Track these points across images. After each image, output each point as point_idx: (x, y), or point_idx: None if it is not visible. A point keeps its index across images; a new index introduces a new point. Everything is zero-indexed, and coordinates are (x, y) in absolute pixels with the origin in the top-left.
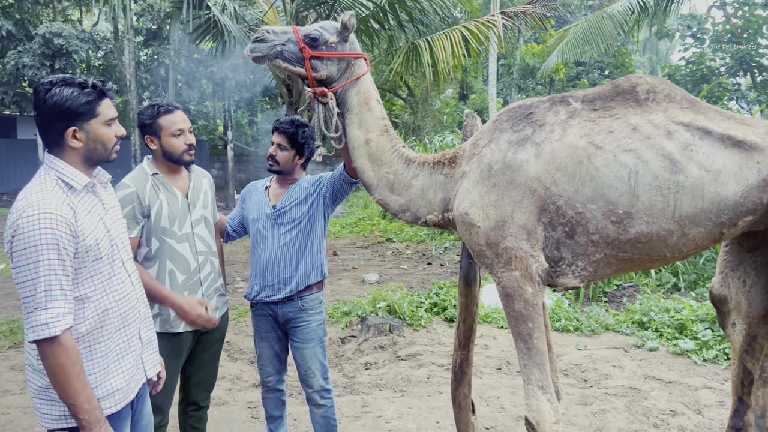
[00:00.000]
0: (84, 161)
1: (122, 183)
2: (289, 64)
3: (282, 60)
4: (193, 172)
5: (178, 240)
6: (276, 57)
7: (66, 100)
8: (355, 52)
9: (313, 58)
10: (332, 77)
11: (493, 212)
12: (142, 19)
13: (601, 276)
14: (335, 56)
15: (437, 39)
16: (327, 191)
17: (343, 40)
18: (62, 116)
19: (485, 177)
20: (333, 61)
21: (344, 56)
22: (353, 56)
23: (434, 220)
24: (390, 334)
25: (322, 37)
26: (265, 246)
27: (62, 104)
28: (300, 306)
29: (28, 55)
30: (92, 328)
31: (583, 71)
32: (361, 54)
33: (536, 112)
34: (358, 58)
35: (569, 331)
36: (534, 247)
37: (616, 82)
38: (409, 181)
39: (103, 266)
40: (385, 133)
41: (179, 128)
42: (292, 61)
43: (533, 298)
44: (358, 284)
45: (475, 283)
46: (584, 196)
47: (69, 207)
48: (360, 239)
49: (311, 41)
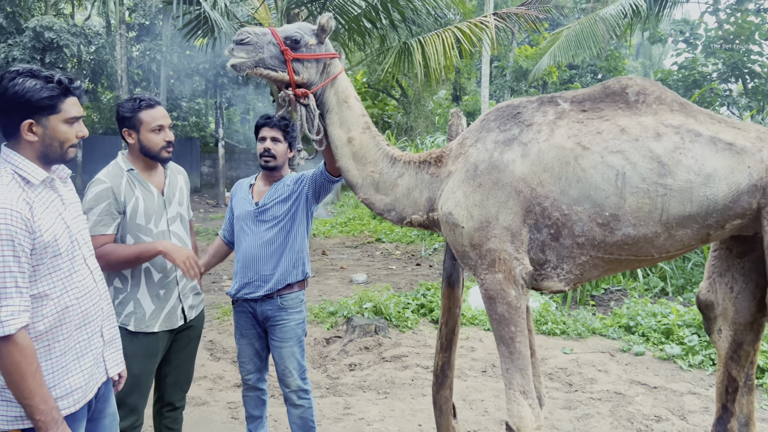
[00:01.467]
0: (39, 157)
1: (97, 179)
2: (270, 71)
3: (263, 68)
4: (168, 169)
5: (153, 237)
6: (257, 65)
7: (27, 92)
8: (330, 52)
9: (295, 60)
10: (311, 79)
11: (478, 213)
12: (134, 15)
13: (587, 279)
14: (314, 57)
15: (429, 39)
16: (309, 189)
17: (320, 42)
18: (21, 107)
19: (471, 177)
20: (312, 62)
21: (322, 57)
22: (329, 56)
23: (419, 220)
24: (375, 335)
25: (303, 39)
26: (246, 243)
27: (22, 95)
28: (279, 304)
29: (18, 49)
30: (51, 326)
31: (576, 74)
32: (335, 54)
33: (524, 112)
34: (333, 57)
35: (555, 335)
36: (518, 249)
37: (606, 83)
38: (395, 180)
39: (62, 263)
40: (367, 131)
41: (159, 124)
42: (273, 67)
43: (516, 302)
44: (345, 284)
45: (458, 285)
46: (571, 197)
47: (25, 202)
48: (349, 239)
49: (293, 43)
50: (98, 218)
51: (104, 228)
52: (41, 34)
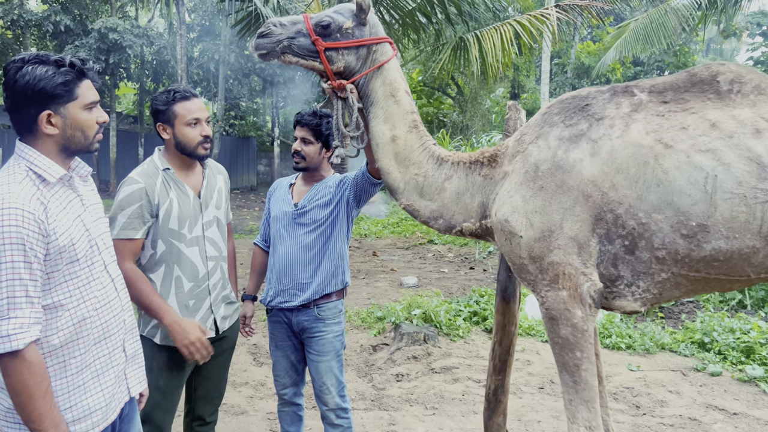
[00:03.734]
0: (60, 150)
1: (129, 177)
2: (301, 59)
3: (292, 55)
4: (207, 168)
5: (187, 244)
6: (284, 52)
7: (39, 80)
8: (377, 36)
9: (328, 49)
10: (351, 67)
11: (539, 220)
12: (194, 15)
13: (666, 299)
14: (352, 44)
15: (486, 33)
16: (350, 192)
17: (360, 24)
18: (35, 98)
19: (530, 178)
20: (350, 49)
21: (362, 43)
22: (374, 41)
23: (471, 229)
24: (424, 344)
25: (334, 23)
26: (283, 247)
27: (35, 85)
28: (316, 315)
29: (84, 50)
30: (67, 340)
31: (642, 71)
32: (385, 38)
33: (593, 104)
34: (380, 42)
35: (620, 349)
36: (586, 262)
37: (692, 71)
38: (442, 184)
39: (80, 270)
40: (414, 130)
41: (195, 117)
42: (304, 56)
43: (583, 323)
44: (395, 287)
45: (514, 300)
46: (649, 203)
47: (39, 202)
48: (401, 240)
49: (323, 30)
50: (127, 221)
51: (133, 232)
52: (106, 35)
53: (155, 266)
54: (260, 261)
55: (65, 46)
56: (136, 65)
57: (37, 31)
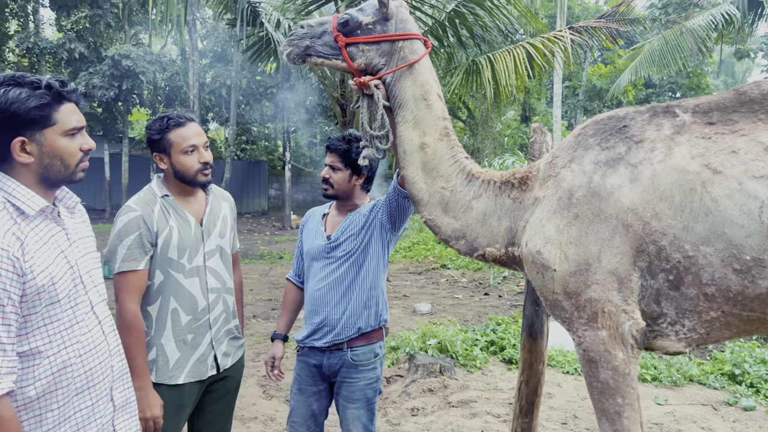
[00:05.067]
0: (40, 180)
1: (126, 206)
2: (325, 59)
3: (316, 56)
4: (211, 194)
5: (186, 274)
6: (308, 53)
7: (11, 104)
8: (404, 32)
9: (349, 45)
10: (373, 64)
11: (575, 252)
12: (206, 42)
13: (714, 339)
14: (372, 39)
15: (500, 56)
16: (384, 214)
17: (384, 19)
18: (7, 124)
19: (564, 206)
20: (370, 45)
21: (384, 38)
22: (398, 37)
23: (495, 255)
24: (440, 376)
25: (352, 20)
26: (314, 282)
27: (6, 108)
28: (349, 359)
29: (97, 76)
30: (45, 391)
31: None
32: (414, 34)
33: (632, 126)
34: (407, 39)
35: (646, 381)
36: (627, 299)
37: (740, 89)
38: (469, 202)
39: (61, 312)
40: (446, 138)
41: (192, 144)
42: (327, 55)
43: (625, 366)
44: (409, 314)
45: (541, 336)
46: (696, 235)
47: (15, 237)
48: (413, 264)
49: (342, 27)
50: (128, 252)
51: (134, 263)
52: (119, 62)
53: (152, 298)
54: (293, 297)
55: (79, 72)
56: (149, 91)
57: (52, 58)
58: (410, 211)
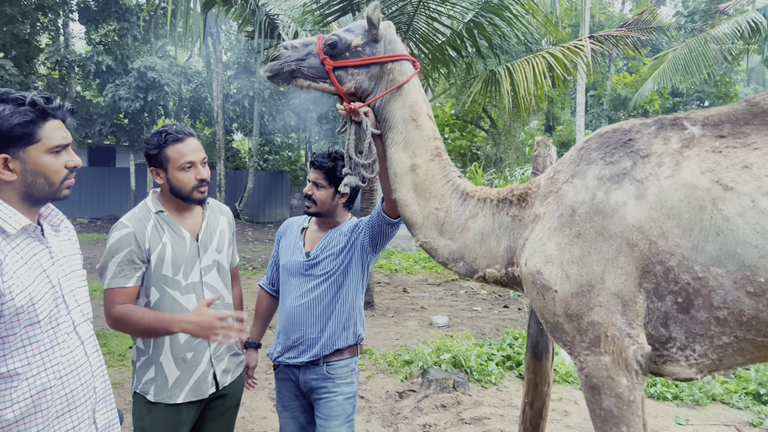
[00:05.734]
0: (23, 198)
1: (119, 222)
2: (312, 81)
3: (302, 78)
4: (208, 209)
5: (182, 291)
6: (292, 75)
7: None
8: (393, 54)
9: (337, 68)
10: (363, 87)
11: (576, 272)
12: (230, 54)
13: (728, 365)
14: (361, 63)
15: (518, 66)
16: (365, 237)
17: (373, 41)
18: None
19: (566, 223)
20: (359, 68)
21: (372, 61)
22: (388, 59)
23: (495, 276)
24: (454, 391)
25: (341, 42)
26: (291, 299)
27: None
28: (325, 373)
29: (124, 88)
30: (23, 414)
31: (681, 102)
32: (402, 55)
33: (638, 139)
34: (396, 60)
35: (666, 399)
36: (632, 322)
37: (752, 100)
38: (465, 222)
39: (41, 333)
40: (437, 158)
41: (189, 160)
42: (314, 78)
43: (629, 393)
44: (425, 327)
45: (546, 356)
46: (707, 255)
47: None
48: (432, 276)
49: (330, 49)
50: (118, 269)
51: (124, 280)
52: (144, 74)
53: None
54: (266, 305)
55: (106, 84)
56: (173, 102)
57: (81, 71)
58: (393, 235)
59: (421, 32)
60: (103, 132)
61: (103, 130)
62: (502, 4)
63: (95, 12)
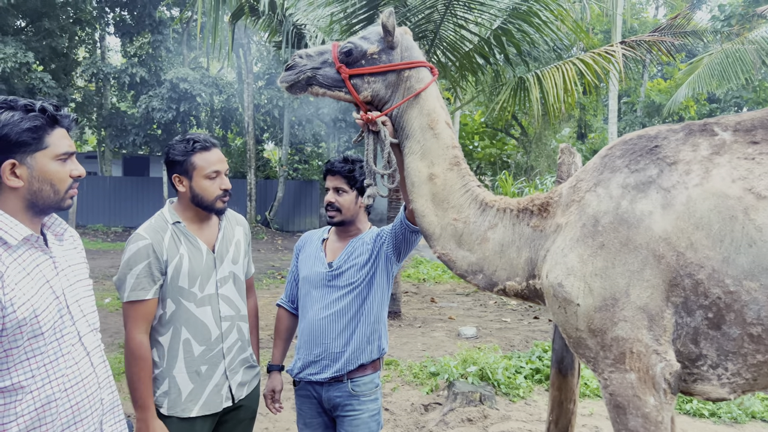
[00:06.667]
0: (27, 207)
1: (136, 234)
2: (327, 90)
3: (318, 86)
4: (224, 219)
5: (197, 303)
6: (308, 84)
7: (3, 126)
8: (410, 61)
9: (353, 76)
10: (380, 96)
11: (600, 285)
12: (260, 64)
13: (764, 386)
14: (377, 70)
15: (548, 73)
16: (389, 246)
17: (389, 48)
18: None
19: (589, 234)
20: (376, 75)
21: (389, 68)
22: (405, 66)
23: (516, 288)
24: (480, 405)
25: (356, 49)
26: (314, 312)
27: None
28: (350, 390)
29: (157, 99)
30: (28, 427)
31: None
32: (420, 62)
33: (664, 146)
34: (413, 67)
35: (703, 416)
36: (659, 338)
37: None
38: (484, 233)
39: (45, 345)
40: (455, 167)
41: (215, 170)
42: (330, 86)
43: (656, 413)
44: (452, 338)
45: (572, 372)
46: (739, 268)
47: None
48: (461, 285)
49: (346, 57)
50: (136, 281)
51: (143, 292)
52: (177, 85)
53: (163, 328)
54: (286, 325)
55: (140, 96)
56: (205, 113)
57: (116, 83)
58: (416, 243)
59: (448, 40)
60: (137, 142)
61: (137, 141)
62: (531, 10)
63: (130, 25)
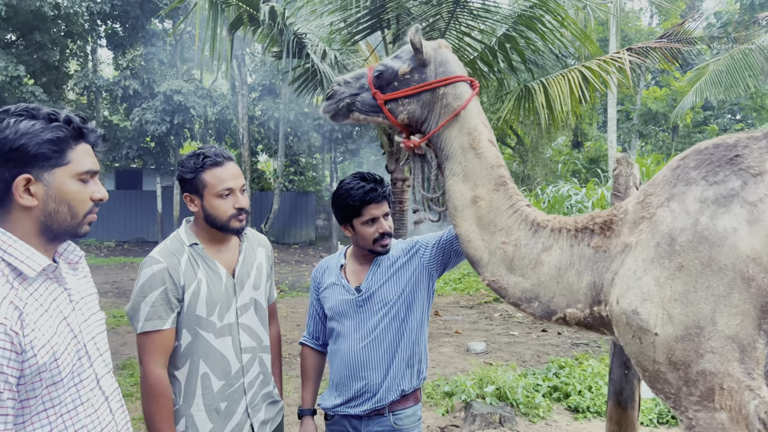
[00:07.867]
0: (40, 231)
1: (150, 257)
2: (367, 115)
3: (358, 112)
4: (245, 241)
5: (216, 333)
6: (349, 111)
7: (21, 136)
8: (445, 77)
9: (389, 101)
10: (416, 117)
11: (681, 312)
12: (255, 76)
13: None
14: (410, 92)
15: (553, 80)
16: (433, 261)
17: (421, 65)
18: (11, 158)
19: (665, 254)
20: (410, 98)
21: (423, 89)
22: (440, 84)
23: (578, 317)
24: (501, 427)
25: (387, 71)
26: (349, 344)
27: (14, 141)
28: (392, 424)
29: (150, 112)
30: None
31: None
32: (456, 77)
33: (746, 155)
34: (450, 83)
35: None
36: (751, 372)
37: None
38: (538, 256)
39: (64, 392)
40: (501, 187)
41: (228, 187)
42: (368, 112)
43: None
44: (461, 353)
45: (632, 405)
46: None
47: (14, 307)
48: (464, 298)
49: (378, 80)
50: (152, 310)
51: (159, 322)
52: (171, 97)
53: (179, 361)
54: (314, 364)
55: (133, 108)
56: (199, 125)
57: (109, 95)
58: (463, 260)
59: (451, 46)
60: (129, 155)
61: (130, 154)
62: (535, 16)
63: (122, 38)
